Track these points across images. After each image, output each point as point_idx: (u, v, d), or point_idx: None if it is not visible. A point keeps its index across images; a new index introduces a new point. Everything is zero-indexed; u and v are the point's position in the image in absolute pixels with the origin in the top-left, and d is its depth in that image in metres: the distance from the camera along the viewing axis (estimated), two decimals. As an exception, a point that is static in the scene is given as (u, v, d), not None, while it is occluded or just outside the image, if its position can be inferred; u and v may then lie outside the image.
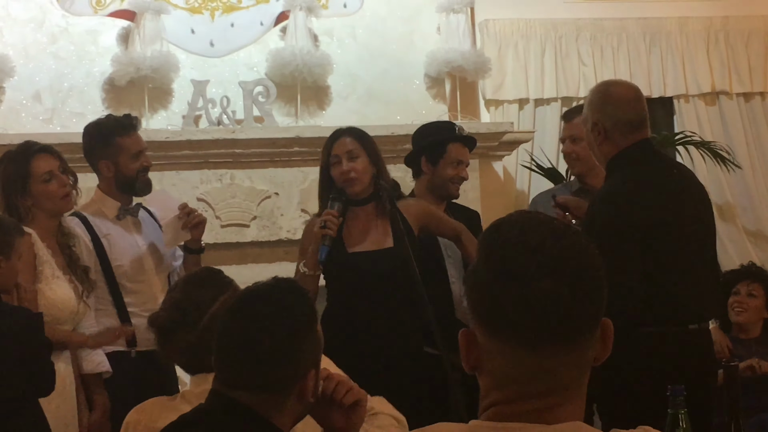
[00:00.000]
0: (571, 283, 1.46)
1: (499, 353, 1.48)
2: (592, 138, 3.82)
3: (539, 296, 1.44)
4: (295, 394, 2.19)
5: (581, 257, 1.49)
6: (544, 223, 1.52)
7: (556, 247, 1.47)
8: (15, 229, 3.74)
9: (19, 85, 6.06)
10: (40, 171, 4.16)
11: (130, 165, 4.38)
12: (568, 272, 1.46)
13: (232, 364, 2.21)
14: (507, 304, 1.46)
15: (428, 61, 6.50)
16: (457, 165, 4.65)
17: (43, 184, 4.15)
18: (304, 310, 2.24)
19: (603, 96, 3.84)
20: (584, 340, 1.49)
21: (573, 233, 1.52)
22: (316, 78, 6.27)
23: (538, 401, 1.48)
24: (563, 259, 1.47)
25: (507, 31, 6.85)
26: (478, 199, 6.17)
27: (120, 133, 4.38)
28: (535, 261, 1.46)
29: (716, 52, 7.12)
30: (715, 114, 7.12)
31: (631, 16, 7.01)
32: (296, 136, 6.14)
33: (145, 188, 4.46)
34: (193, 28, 6.33)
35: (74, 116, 6.10)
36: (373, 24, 6.57)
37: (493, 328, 1.48)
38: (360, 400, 2.34)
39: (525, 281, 1.45)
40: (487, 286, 1.48)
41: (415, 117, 6.17)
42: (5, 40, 6.08)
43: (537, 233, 1.49)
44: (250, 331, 2.18)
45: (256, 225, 6.18)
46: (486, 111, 6.84)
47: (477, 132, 6.32)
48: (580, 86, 6.86)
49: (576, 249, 1.49)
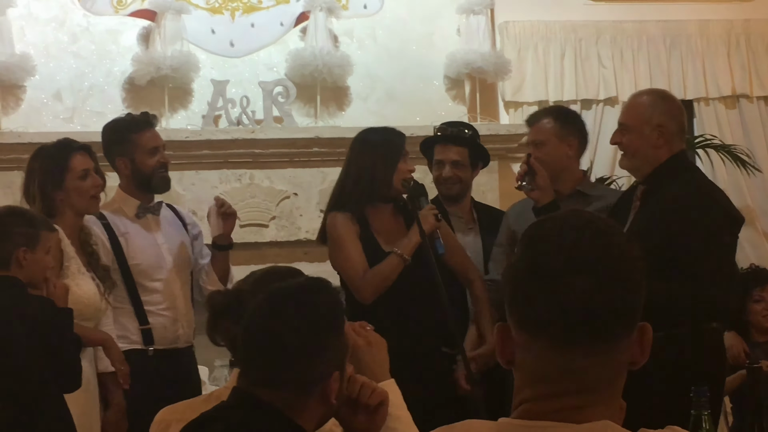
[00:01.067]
0: (603, 283, 1.43)
1: (530, 350, 1.47)
2: (651, 139, 3.85)
3: (569, 294, 1.42)
4: (318, 395, 2.17)
5: (618, 258, 1.46)
6: (587, 221, 1.49)
7: (592, 246, 1.45)
8: (43, 224, 3.75)
9: (40, 84, 6.09)
10: (78, 167, 4.18)
11: (146, 161, 4.38)
12: (601, 272, 1.44)
13: (256, 361, 2.20)
14: (537, 300, 1.45)
15: (448, 62, 6.50)
16: (438, 166, 4.68)
17: (79, 180, 4.17)
18: (332, 310, 2.23)
19: (669, 101, 3.94)
20: (615, 342, 1.46)
21: (615, 233, 1.49)
22: (335, 78, 6.27)
23: (568, 400, 1.46)
24: (598, 258, 1.45)
25: (527, 32, 6.83)
26: (497, 200, 6.16)
27: (135, 130, 4.39)
28: (569, 258, 1.44)
29: (737, 55, 7.08)
30: (735, 117, 7.09)
31: (651, 18, 6.99)
32: (315, 136, 6.15)
33: (162, 185, 4.45)
34: (213, 28, 6.34)
35: (94, 115, 6.12)
36: (393, 25, 6.57)
37: (524, 323, 1.47)
38: (384, 402, 2.33)
39: (556, 278, 1.44)
40: (520, 281, 1.48)
41: (434, 118, 6.15)
42: (27, 40, 6.10)
43: (575, 231, 1.47)
44: (275, 328, 2.17)
45: (275, 225, 6.19)
46: (505, 113, 6.82)
47: (496, 134, 6.35)
48: (600, 89, 6.84)
49: (614, 250, 1.46)
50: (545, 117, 4.49)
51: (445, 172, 4.66)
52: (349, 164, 4.28)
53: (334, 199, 4.28)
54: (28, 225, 3.67)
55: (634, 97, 4.06)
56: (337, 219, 4.21)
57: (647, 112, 3.88)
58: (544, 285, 1.44)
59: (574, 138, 4.41)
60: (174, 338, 4.35)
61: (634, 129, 3.88)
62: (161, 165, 4.42)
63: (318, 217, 6.16)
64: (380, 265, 4.13)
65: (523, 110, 6.80)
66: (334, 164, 6.20)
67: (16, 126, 5.95)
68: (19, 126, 5.95)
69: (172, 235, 4.48)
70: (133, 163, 4.38)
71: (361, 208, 4.19)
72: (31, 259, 3.63)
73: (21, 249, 3.61)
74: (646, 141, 3.86)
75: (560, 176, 4.38)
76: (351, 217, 4.20)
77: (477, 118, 6.40)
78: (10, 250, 3.61)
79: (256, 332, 2.20)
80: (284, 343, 2.15)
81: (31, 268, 3.64)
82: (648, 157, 3.87)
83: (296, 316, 2.18)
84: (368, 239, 4.17)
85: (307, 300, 2.21)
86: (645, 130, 3.85)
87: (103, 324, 4.17)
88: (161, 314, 4.35)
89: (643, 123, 3.87)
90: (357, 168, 4.22)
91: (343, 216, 4.20)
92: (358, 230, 4.19)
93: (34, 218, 3.76)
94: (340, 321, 2.24)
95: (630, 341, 1.48)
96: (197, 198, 6.06)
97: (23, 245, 3.61)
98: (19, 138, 5.81)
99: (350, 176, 4.24)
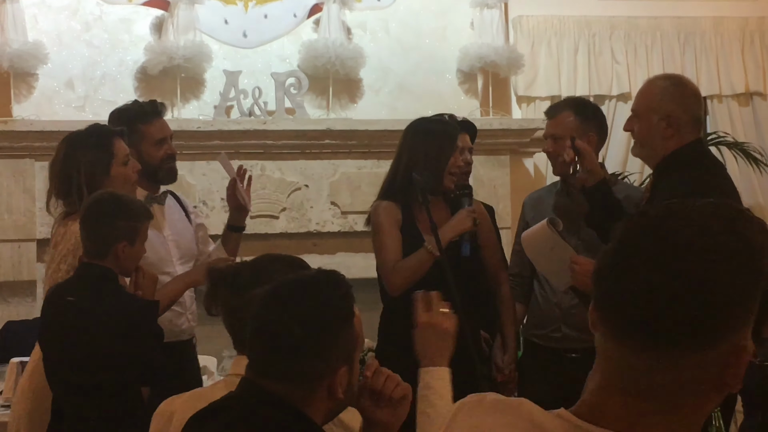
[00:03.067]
0: (686, 284, 1.29)
1: (599, 337, 1.39)
2: (660, 129, 3.73)
3: (639, 287, 1.32)
4: (324, 388, 2.16)
5: (722, 262, 1.30)
6: (702, 214, 1.34)
7: (692, 243, 1.31)
8: (144, 214, 3.67)
9: (52, 73, 6.08)
10: (121, 153, 4.01)
11: (152, 152, 4.29)
12: (691, 273, 1.30)
13: (263, 352, 2.19)
14: (609, 288, 1.35)
15: (461, 56, 6.49)
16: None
17: (123, 166, 4.00)
18: (341, 304, 2.21)
19: (680, 88, 3.78)
20: (685, 351, 1.32)
21: (731, 232, 1.32)
22: (348, 71, 6.26)
23: (622, 400, 1.36)
24: (696, 258, 1.30)
25: (540, 27, 6.82)
26: (508, 194, 6.16)
27: (143, 120, 4.30)
28: (657, 251, 1.32)
29: (751, 52, 7.06)
30: (748, 115, 7.07)
31: (666, 14, 6.97)
32: (327, 128, 6.15)
33: (168, 177, 4.38)
34: (226, 19, 6.33)
35: (106, 104, 6.10)
36: (406, 18, 6.56)
37: (596, 307, 1.39)
38: (407, 396, 2.32)
39: (633, 269, 1.33)
40: (602, 266, 1.38)
41: (446, 111, 6.12)
42: (39, 27, 6.10)
43: (681, 222, 1.33)
44: (282, 318, 2.16)
45: (285, 216, 6.18)
46: (518, 107, 6.82)
47: (508, 128, 6.34)
48: (613, 84, 6.83)
49: (720, 253, 1.31)
50: (565, 110, 4.38)
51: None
52: (400, 153, 4.26)
53: (384, 188, 4.29)
54: (131, 217, 3.60)
55: (648, 82, 3.91)
56: (381, 207, 4.22)
57: (656, 99, 3.77)
58: (619, 273, 1.34)
59: (593, 133, 4.29)
60: (179, 332, 4.32)
61: (642, 117, 3.78)
62: (169, 156, 4.34)
63: (329, 208, 6.19)
64: (409, 258, 4.13)
65: (535, 105, 6.80)
66: (345, 156, 6.21)
67: (27, 114, 5.95)
68: (30, 114, 5.95)
69: (178, 226, 4.42)
70: (139, 154, 4.22)
71: (407, 198, 4.18)
72: (129, 252, 3.58)
73: (122, 244, 3.56)
74: (654, 130, 3.75)
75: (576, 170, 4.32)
76: (395, 206, 4.20)
77: (489, 112, 6.39)
78: (111, 243, 3.55)
79: (264, 323, 2.19)
80: (291, 336, 2.13)
81: (128, 261, 3.61)
82: (656, 147, 3.76)
83: (304, 308, 2.16)
84: (411, 229, 4.16)
85: (316, 293, 2.20)
86: (653, 119, 3.74)
87: None
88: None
89: (651, 111, 3.76)
90: (408, 158, 4.20)
91: (387, 204, 4.21)
92: (400, 220, 4.19)
93: (137, 208, 3.66)
94: (349, 315, 2.22)
95: (712, 356, 1.33)
96: (208, 188, 6.06)
97: (124, 240, 3.57)
98: (31, 126, 5.81)
99: (401, 165, 4.21)
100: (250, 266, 2.64)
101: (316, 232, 6.17)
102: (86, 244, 3.61)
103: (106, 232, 3.55)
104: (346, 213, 6.23)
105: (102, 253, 3.56)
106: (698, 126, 3.79)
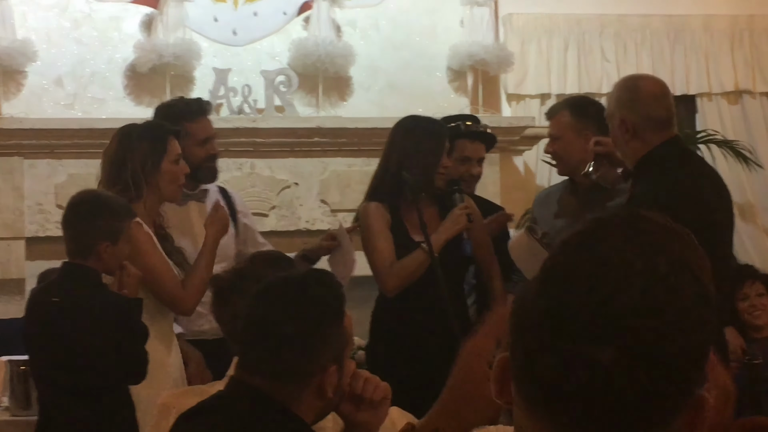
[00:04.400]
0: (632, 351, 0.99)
1: (516, 412, 1.10)
2: (618, 135, 3.73)
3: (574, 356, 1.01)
4: (314, 387, 2.17)
5: (672, 316, 1.01)
6: (633, 265, 1.02)
7: (636, 303, 1.00)
8: (126, 213, 3.64)
9: (41, 70, 6.07)
10: (174, 152, 3.97)
11: (196, 151, 4.24)
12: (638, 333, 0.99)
13: (252, 349, 2.21)
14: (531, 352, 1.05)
15: (451, 53, 6.48)
16: (463, 162, 4.56)
17: (174, 164, 3.96)
18: (331, 303, 2.22)
19: (631, 92, 3.74)
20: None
21: (675, 288, 1.02)
22: (338, 68, 6.26)
23: None
24: (640, 316, 1.00)
25: (530, 25, 6.82)
26: (498, 193, 6.16)
27: (189, 118, 4.25)
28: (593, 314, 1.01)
29: (740, 50, 7.07)
30: (737, 113, 7.08)
31: (655, 12, 6.97)
32: (317, 126, 6.14)
33: (208, 176, 4.33)
34: (216, 16, 6.32)
35: (96, 102, 6.12)
36: (396, 16, 6.56)
37: (513, 376, 1.09)
38: (387, 396, 2.32)
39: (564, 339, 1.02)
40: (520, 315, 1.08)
41: (436, 110, 6.13)
42: (28, 25, 6.08)
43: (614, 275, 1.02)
44: (272, 315, 2.18)
45: (275, 214, 6.18)
46: (507, 105, 6.82)
47: (498, 126, 6.33)
48: (603, 82, 6.83)
49: (671, 307, 1.01)
50: (562, 110, 4.38)
51: (476, 170, 4.60)
52: (389, 152, 4.23)
53: (372, 188, 4.27)
54: (113, 217, 3.57)
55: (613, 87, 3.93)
56: (370, 208, 4.21)
57: (612, 106, 3.78)
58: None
59: (590, 131, 4.25)
60: (199, 332, 4.26)
61: (608, 123, 3.79)
62: (211, 155, 4.29)
63: (318, 207, 6.18)
64: (405, 259, 4.12)
65: (525, 103, 6.80)
66: (335, 154, 6.21)
67: (16, 112, 5.93)
68: (19, 112, 5.93)
69: None
70: (182, 151, 4.10)
71: (395, 198, 4.17)
72: (112, 252, 3.57)
73: (104, 244, 3.54)
74: (616, 136, 3.75)
75: (578, 170, 4.29)
76: (383, 207, 4.18)
77: (479, 110, 6.39)
78: (92, 242, 3.54)
79: (254, 320, 2.21)
80: (279, 333, 2.15)
81: (111, 261, 3.59)
82: (626, 153, 3.75)
83: (293, 306, 2.18)
84: (398, 228, 4.15)
85: (305, 291, 2.21)
86: (614, 124, 3.74)
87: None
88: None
89: (610, 117, 3.78)
90: (398, 157, 4.18)
91: (375, 206, 4.20)
92: (389, 220, 4.18)
93: (119, 208, 3.64)
94: (340, 315, 2.22)
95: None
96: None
97: (106, 240, 3.55)
98: (20, 124, 5.80)
99: (390, 165, 4.20)
100: (247, 270, 2.68)
101: (306, 230, 6.16)
102: (68, 244, 3.61)
103: (86, 232, 3.55)
104: (336, 211, 6.22)
105: (84, 253, 3.55)
106: (662, 126, 3.71)
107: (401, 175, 4.08)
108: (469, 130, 4.62)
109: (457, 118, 4.85)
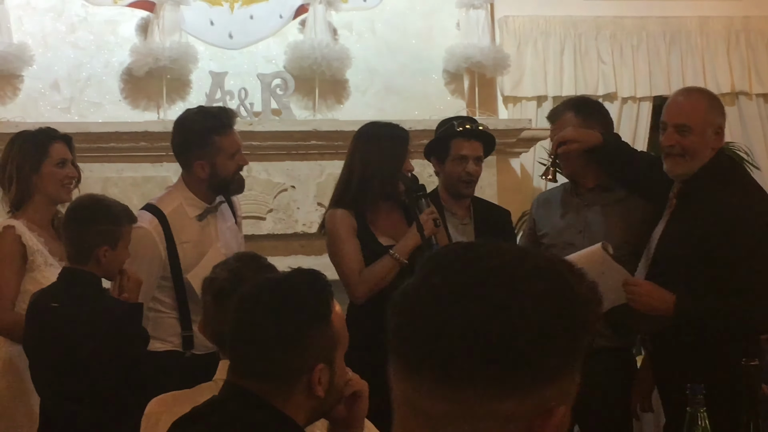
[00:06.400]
0: (485, 311, 1.15)
1: (395, 384, 1.26)
2: (713, 141, 3.81)
3: (434, 316, 1.18)
4: (302, 386, 2.19)
5: (533, 293, 1.16)
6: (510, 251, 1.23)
7: (498, 271, 1.18)
8: (125, 218, 3.67)
9: (37, 74, 6.07)
10: (57, 155, 4.19)
11: (227, 166, 4.15)
12: (493, 300, 1.16)
13: (241, 351, 2.23)
14: (402, 320, 1.23)
15: (447, 56, 6.49)
16: (460, 161, 4.52)
17: (56, 167, 4.17)
18: (317, 302, 2.23)
19: (718, 101, 3.92)
20: (482, 396, 1.16)
21: (548, 270, 1.20)
22: (334, 72, 6.26)
23: None
24: (501, 285, 1.17)
25: (526, 27, 6.83)
26: (495, 195, 6.15)
27: (220, 132, 4.13)
28: (461, 278, 1.19)
29: (736, 52, 7.08)
30: (734, 114, 7.08)
31: (651, 14, 6.98)
32: (314, 129, 6.14)
33: (239, 188, 4.28)
34: (212, 20, 6.32)
35: (92, 106, 6.12)
36: (392, 18, 6.56)
37: (390, 347, 1.26)
38: (360, 391, 2.33)
39: (430, 298, 1.20)
40: (396, 299, 1.26)
41: (432, 112, 6.16)
42: (24, 29, 6.09)
43: (486, 253, 1.22)
44: (258, 316, 2.20)
45: (272, 218, 6.18)
46: (504, 107, 6.83)
47: (495, 128, 6.33)
48: (599, 84, 6.84)
49: (531, 285, 1.17)
50: (567, 112, 4.33)
51: (472, 168, 4.55)
52: (352, 158, 4.23)
53: (337, 195, 4.24)
54: (112, 221, 3.61)
55: (689, 96, 3.94)
56: (336, 216, 4.18)
57: (709, 113, 3.84)
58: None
59: (597, 130, 4.22)
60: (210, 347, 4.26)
61: (695, 131, 3.80)
62: (239, 168, 4.22)
63: (315, 210, 6.17)
64: (374, 266, 4.11)
65: (521, 105, 6.81)
66: (331, 157, 6.20)
67: (13, 116, 5.93)
68: (16, 116, 5.93)
69: (227, 236, 4.28)
70: (213, 166, 4.10)
71: (361, 204, 4.17)
72: (111, 257, 3.59)
73: (103, 248, 3.56)
74: (707, 143, 3.81)
75: (583, 170, 4.29)
76: (348, 214, 4.17)
77: (476, 112, 6.39)
78: (91, 247, 3.56)
79: (240, 322, 2.23)
80: (264, 333, 2.17)
81: (110, 266, 3.61)
82: (704, 159, 3.81)
83: (277, 306, 2.20)
84: (365, 233, 4.15)
85: (290, 290, 2.23)
86: (708, 132, 3.80)
87: None
88: None
89: (707, 125, 3.81)
90: (361, 163, 4.18)
91: (341, 213, 4.18)
92: (355, 227, 4.17)
93: (118, 213, 3.66)
94: (324, 313, 2.23)
95: (517, 408, 1.16)
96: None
97: (105, 244, 3.57)
98: (16, 128, 5.71)
99: (354, 171, 4.19)
100: (242, 270, 2.73)
101: (302, 233, 6.16)
102: (68, 249, 3.62)
103: (85, 237, 3.56)
104: (332, 214, 6.21)
105: (83, 258, 3.56)
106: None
107: (366, 181, 4.09)
108: (463, 128, 4.59)
109: (450, 119, 4.85)
